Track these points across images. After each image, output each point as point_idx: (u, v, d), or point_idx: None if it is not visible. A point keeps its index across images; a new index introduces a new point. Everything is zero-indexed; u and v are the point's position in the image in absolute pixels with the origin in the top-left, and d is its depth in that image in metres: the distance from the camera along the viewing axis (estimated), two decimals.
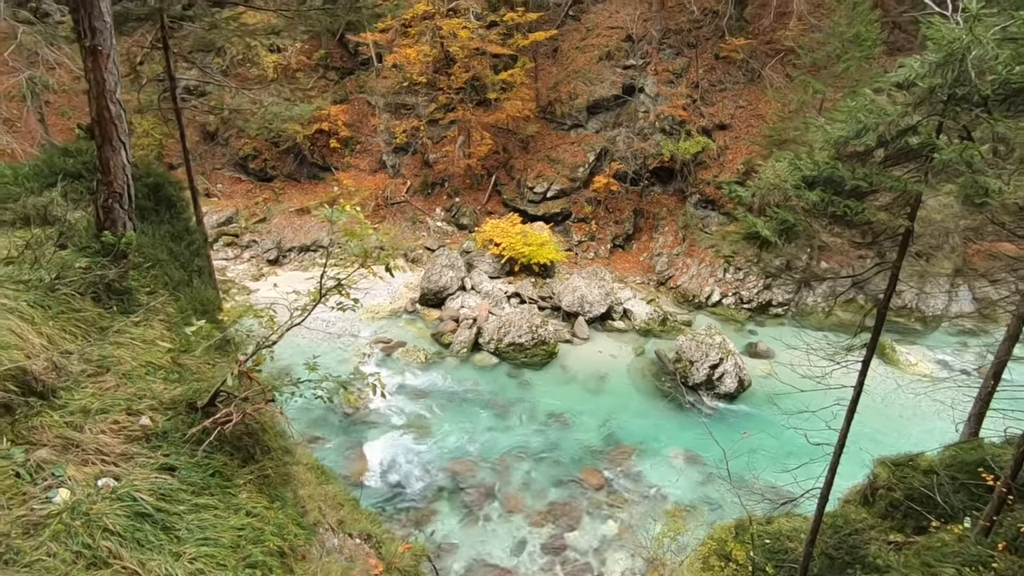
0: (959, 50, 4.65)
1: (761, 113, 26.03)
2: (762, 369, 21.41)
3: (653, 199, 27.94)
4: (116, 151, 4.30)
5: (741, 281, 25.03)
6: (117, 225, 4.49)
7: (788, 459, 16.54)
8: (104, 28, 4.10)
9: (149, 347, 4.02)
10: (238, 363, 3.62)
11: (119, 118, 4.32)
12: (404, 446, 17.70)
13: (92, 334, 3.81)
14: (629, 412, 19.74)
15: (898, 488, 8.76)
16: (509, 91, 27.74)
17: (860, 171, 5.05)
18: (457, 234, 28.61)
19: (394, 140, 28.78)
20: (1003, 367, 8.19)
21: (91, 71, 4.08)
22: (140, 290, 4.53)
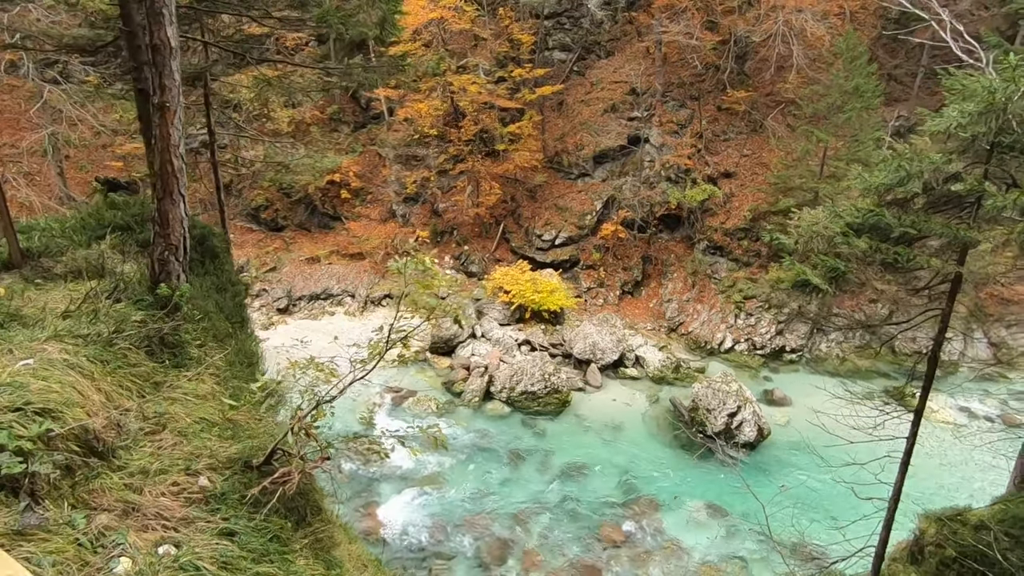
0: (1002, 100, 4.71)
1: (765, 161, 26.56)
2: (780, 417, 20.97)
3: (661, 246, 28.15)
4: (176, 204, 4.32)
5: (753, 327, 24.87)
6: (172, 277, 4.45)
7: (818, 512, 16.04)
8: (173, 86, 4.20)
9: (202, 402, 3.89)
10: (297, 419, 3.50)
11: (181, 172, 4.36)
12: (419, 501, 17.14)
13: (147, 389, 3.70)
14: (647, 462, 19.21)
15: (948, 545, 8.37)
16: (517, 143, 28.43)
17: (907, 218, 5.05)
18: (467, 282, 28.67)
19: (404, 190, 29.30)
20: None
21: (158, 126, 4.15)
22: (191, 343, 4.46)
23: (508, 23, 28.11)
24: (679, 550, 15.72)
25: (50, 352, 3.45)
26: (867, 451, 8.17)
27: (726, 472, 18.78)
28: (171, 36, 4.07)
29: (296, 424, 3.45)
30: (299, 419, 3.52)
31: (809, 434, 20.14)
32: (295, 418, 3.55)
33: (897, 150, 5.31)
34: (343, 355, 5.60)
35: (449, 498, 17.55)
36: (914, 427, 6.12)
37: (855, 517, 8.49)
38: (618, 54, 31.13)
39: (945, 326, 5.65)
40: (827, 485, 16.24)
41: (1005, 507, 8.27)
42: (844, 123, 22.50)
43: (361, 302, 26.94)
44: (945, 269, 5.13)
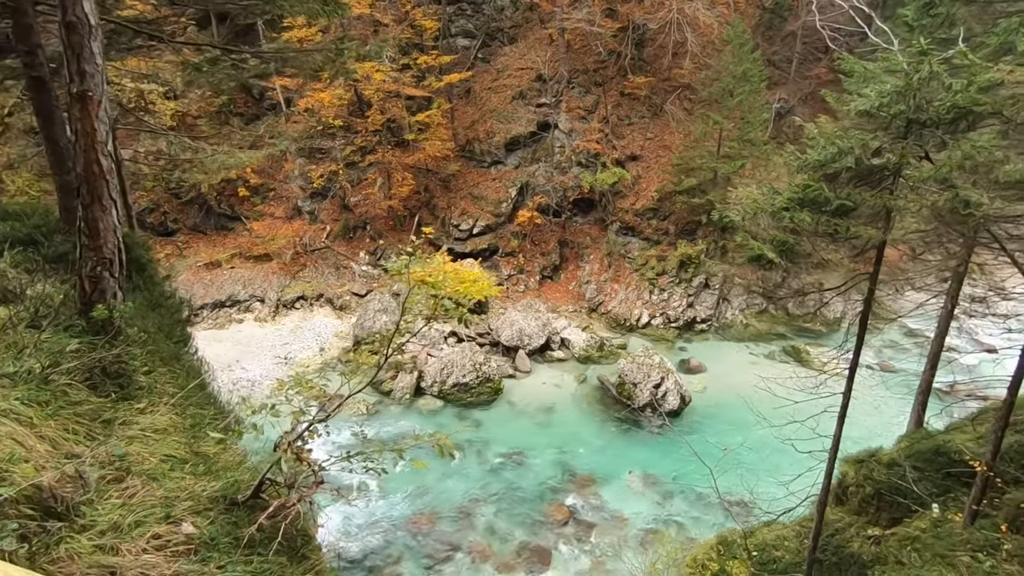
0: (917, 81, 5.16)
1: (667, 144, 27.93)
2: (698, 384, 22.39)
3: (576, 229, 28.86)
4: (106, 211, 3.66)
5: (666, 301, 26.26)
6: (107, 296, 3.79)
7: (758, 470, 17.17)
8: (95, 71, 3.52)
9: (164, 437, 3.36)
10: (287, 443, 3.14)
11: (110, 173, 3.69)
12: (358, 507, 16.49)
13: (97, 430, 3.12)
14: (581, 441, 19.78)
15: (867, 484, 9.29)
16: (427, 132, 27.80)
17: (842, 191, 5.46)
18: (384, 277, 27.77)
19: (310, 185, 27.72)
20: (937, 360, 9.03)
21: (79, 119, 3.47)
22: (138, 370, 3.83)
23: (409, 8, 27.25)
24: (621, 520, 16.39)
25: None
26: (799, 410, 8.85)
27: (654, 441, 19.81)
28: (90, 12, 3.41)
29: (286, 449, 3.10)
30: (289, 443, 3.16)
31: (727, 397, 21.74)
32: (283, 442, 3.19)
33: (824, 129, 5.71)
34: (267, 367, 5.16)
35: (389, 501, 17.06)
36: (849, 382, 6.73)
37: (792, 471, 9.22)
38: (521, 40, 31.25)
39: (874, 287, 6.23)
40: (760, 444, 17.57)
41: (909, 444, 9.32)
42: (736, 106, 24.12)
43: (272, 306, 25.28)
44: (876, 237, 5.64)
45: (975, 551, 5.59)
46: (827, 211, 5.49)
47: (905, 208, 5.27)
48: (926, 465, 8.60)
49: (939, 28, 7.94)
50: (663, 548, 12.18)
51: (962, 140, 4.89)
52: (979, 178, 4.87)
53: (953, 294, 8.48)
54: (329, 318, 25.38)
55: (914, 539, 7.76)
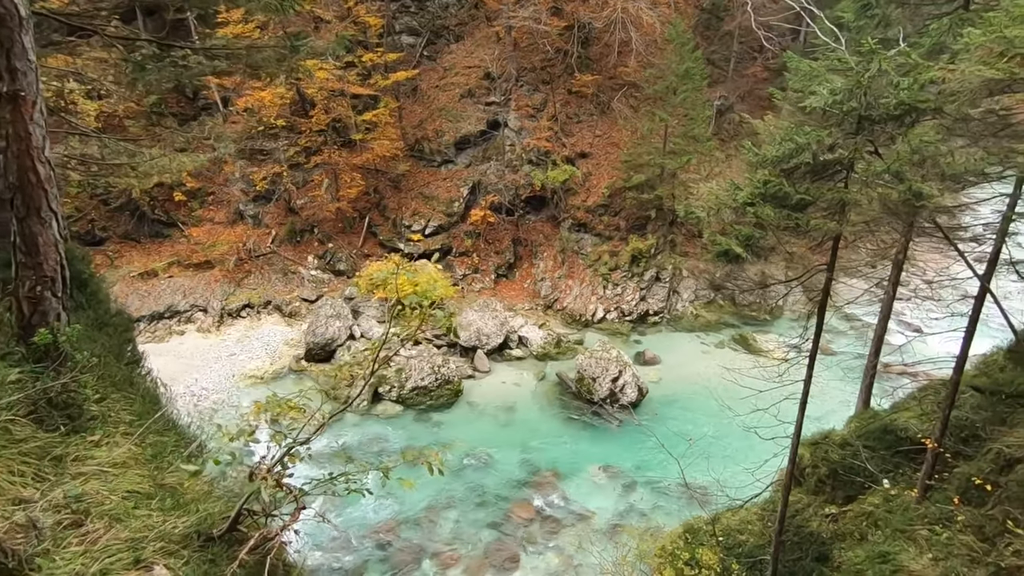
0: (868, 79, 5.37)
1: (615, 141, 28.40)
2: (654, 375, 22.90)
3: (529, 227, 28.94)
4: (45, 224, 3.27)
5: (620, 296, 26.72)
6: (49, 318, 3.39)
7: (718, 459, 17.63)
8: (28, 69, 3.13)
9: (124, 471, 3.03)
10: (266, 469, 2.91)
11: (49, 181, 3.30)
12: (318, 518, 15.92)
13: (46, 469, 2.78)
14: (543, 438, 19.86)
15: (822, 465, 9.70)
16: (374, 131, 27.17)
17: (801, 186, 5.64)
18: (335, 281, 27.03)
19: (253, 188, 26.57)
20: (881, 343, 9.52)
21: (10, 123, 3.07)
22: (89, 399, 3.45)
23: (352, 4, 26.51)
24: (587, 514, 16.55)
25: None
26: (761, 398, 9.13)
27: (614, 434, 20.13)
28: (20, 3, 3.02)
29: (265, 476, 2.88)
30: (268, 469, 2.94)
31: (683, 387, 22.35)
32: (261, 468, 2.95)
33: (778, 125, 5.89)
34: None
35: (350, 511, 16.57)
36: (809, 370, 6.99)
37: (750, 457, 9.51)
38: (468, 39, 31.01)
39: (831, 277, 6.49)
40: (719, 431, 18.10)
41: (859, 424, 9.79)
42: (680, 103, 24.76)
43: (216, 316, 24.09)
44: (834, 229, 5.88)
45: (932, 524, 5.95)
46: (787, 205, 5.67)
47: (859, 201, 5.51)
48: (876, 443, 9.07)
49: (875, 28, 8.39)
50: (632, 541, 12.35)
51: (910, 135, 5.14)
52: (927, 171, 5.15)
53: (894, 281, 8.97)
54: (278, 326, 24.43)
55: (869, 514, 8.16)
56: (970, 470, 6.15)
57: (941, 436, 6.29)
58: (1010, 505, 5.30)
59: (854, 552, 6.47)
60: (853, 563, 6.19)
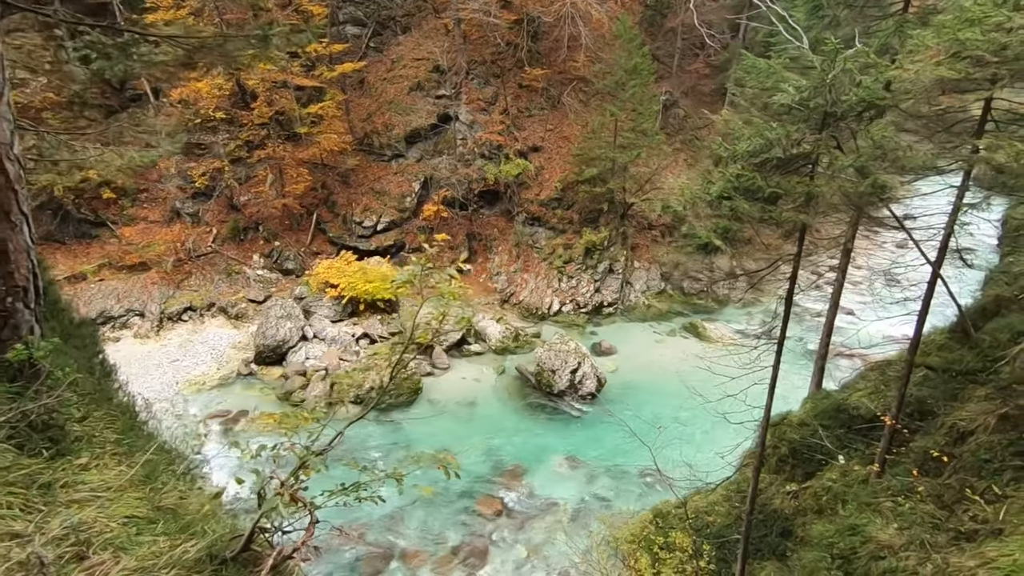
0: (832, 77, 5.63)
1: (567, 135, 28.67)
2: (611, 365, 23.39)
3: (483, 221, 28.84)
4: (16, 228, 2.92)
5: (575, 288, 27.08)
6: (21, 332, 3.03)
7: (659, 443, 18.24)
8: None
9: (120, 495, 2.77)
10: (283, 484, 2.74)
11: (19, 181, 2.94)
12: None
13: (35, 498, 2.49)
14: (505, 432, 19.92)
15: (782, 445, 10.18)
16: (320, 124, 26.29)
17: (772, 180, 5.87)
18: (283, 281, 26.06)
19: (191, 185, 25.18)
20: (832, 327, 10.07)
21: None
22: (71, 419, 3.12)
23: None
24: (553, 505, 16.74)
25: None
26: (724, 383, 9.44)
27: (575, 425, 20.45)
28: None
29: (281, 491, 2.72)
30: (283, 482, 2.77)
31: (639, 376, 22.93)
32: (268, 480, 2.79)
33: (742, 122, 6.11)
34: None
35: None
36: (777, 356, 7.31)
37: (711, 441, 9.86)
38: (415, 30, 30.46)
39: (797, 266, 6.80)
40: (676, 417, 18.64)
41: (814, 405, 10.34)
42: (628, 98, 25.24)
43: (155, 320, 22.74)
44: (804, 220, 6.16)
45: (894, 496, 6.40)
46: (759, 198, 5.90)
47: (824, 193, 5.80)
48: (830, 422, 9.61)
49: (826, 29, 8.85)
50: (600, 528, 12.60)
51: (870, 130, 5.45)
52: (888, 164, 5.48)
53: (843, 268, 9.52)
54: (224, 328, 23.33)
55: (828, 489, 8.64)
56: (926, 444, 6.64)
57: (898, 413, 6.76)
58: (965, 474, 5.78)
59: (823, 526, 6.87)
60: (824, 536, 6.57)
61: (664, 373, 23.39)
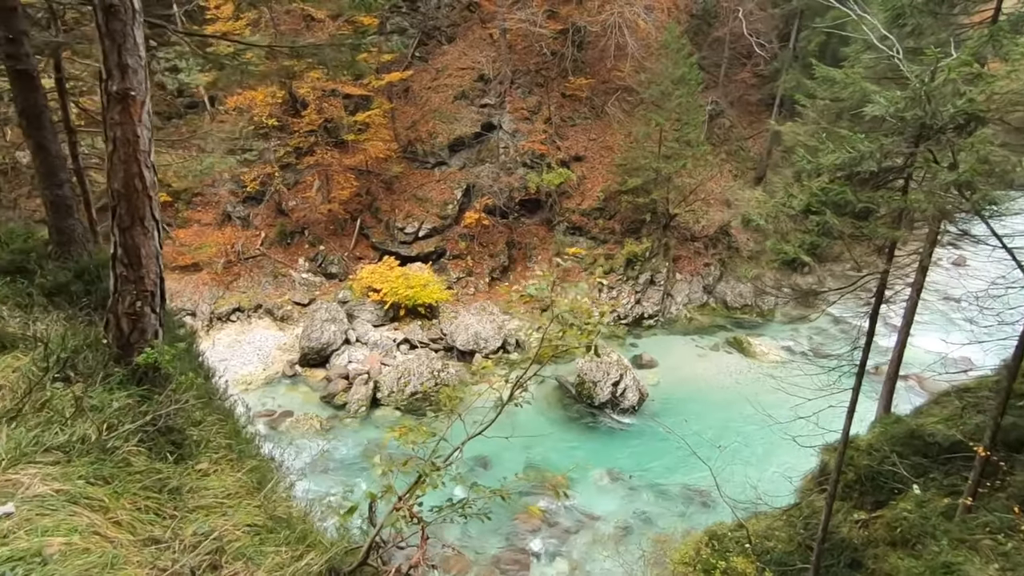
0: (933, 88, 5.37)
1: (609, 144, 28.49)
2: (652, 378, 22.97)
3: (524, 230, 28.83)
4: (148, 234, 2.99)
5: (616, 299, 26.77)
6: (147, 335, 3.11)
7: (701, 460, 17.80)
8: (139, 66, 2.86)
9: (237, 502, 2.79)
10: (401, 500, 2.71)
11: (153, 188, 3.03)
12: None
13: (166, 503, 2.52)
14: (545, 443, 19.70)
15: (848, 470, 9.75)
16: (366, 132, 26.76)
17: (864, 195, 5.62)
18: (327, 284, 26.52)
19: (242, 189, 25.90)
20: (904, 347, 9.62)
21: (118, 124, 2.81)
22: (189, 423, 3.17)
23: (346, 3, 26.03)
24: (595, 519, 16.46)
25: (29, 484, 2.15)
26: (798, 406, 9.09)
27: (616, 437, 20.13)
28: None
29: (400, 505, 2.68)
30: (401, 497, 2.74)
31: (681, 390, 22.47)
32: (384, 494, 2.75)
33: (843, 134, 5.87)
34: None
35: (351, 521, 16.17)
36: (859, 378, 7.00)
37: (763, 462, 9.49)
38: (461, 40, 30.79)
39: (884, 283, 6.49)
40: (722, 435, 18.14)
41: (883, 429, 9.86)
42: (674, 108, 24.94)
43: (205, 320, 23.40)
44: (897, 235, 5.89)
45: (993, 533, 5.99)
46: (848, 213, 5.66)
47: (922, 208, 5.53)
48: (903, 449, 9.15)
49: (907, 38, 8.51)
50: (648, 547, 12.30)
51: (975, 143, 5.17)
52: (995, 180, 5.19)
53: (918, 286, 9.09)
54: (270, 330, 23.84)
55: (903, 520, 8.20)
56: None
57: (992, 443, 6.36)
58: None
59: (908, 561, 6.49)
60: (912, 573, 6.19)
61: (708, 388, 22.86)
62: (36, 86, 4.28)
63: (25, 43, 4.14)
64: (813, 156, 6.16)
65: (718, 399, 21.98)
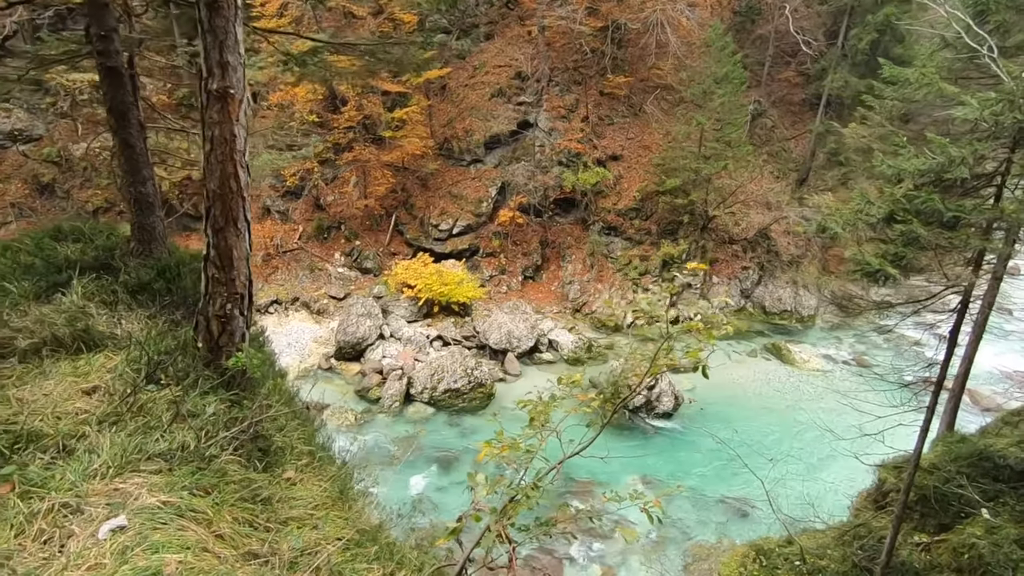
0: None
1: (647, 144, 28.03)
2: (687, 384, 22.54)
3: (558, 229, 28.60)
4: (240, 236, 2.97)
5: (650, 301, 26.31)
6: (235, 338, 3.09)
7: (738, 468, 17.41)
8: (238, 64, 2.84)
9: (326, 513, 2.72)
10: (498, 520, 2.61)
11: (247, 189, 3.01)
12: None
13: (259, 514, 2.46)
14: (578, 445, 19.52)
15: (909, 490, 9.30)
16: (403, 129, 26.87)
17: (952, 203, 5.30)
18: (362, 279, 26.76)
19: (282, 184, 26.29)
20: (971, 363, 9.13)
21: (217, 124, 2.78)
22: (274, 429, 3.13)
23: (386, 1, 26.20)
24: (627, 525, 16.19)
25: (137, 494, 2.11)
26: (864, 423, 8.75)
27: (651, 442, 19.81)
28: None
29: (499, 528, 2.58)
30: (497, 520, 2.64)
31: (717, 395, 21.99)
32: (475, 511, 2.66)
33: (930, 138, 5.54)
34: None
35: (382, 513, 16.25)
36: (935, 396, 6.65)
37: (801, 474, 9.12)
38: (499, 37, 30.67)
39: (968, 297, 6.14)
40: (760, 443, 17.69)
41: (947, 448, 9.39)
42: (716, 107, 24.38)
43: None
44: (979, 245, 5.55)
45: None
46: (935, 222, 5.35)
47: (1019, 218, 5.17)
48: (970, 470, 8.69)
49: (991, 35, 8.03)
50: (687, 558, 12.02)
51: None
52: None
53: (990, 299, 8.61)
54: (306, 323, 24.17)
55: (971, 547, 7.79)
56: None
57: None
58: None
59: None
60: None
61: (745, 395, 22.33)
62: (124, 83, 4.31)
63: (115, 40, 4.18)
64: (893, 160, 5.84)
65: (756, 406, 21.47)
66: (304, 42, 4.88)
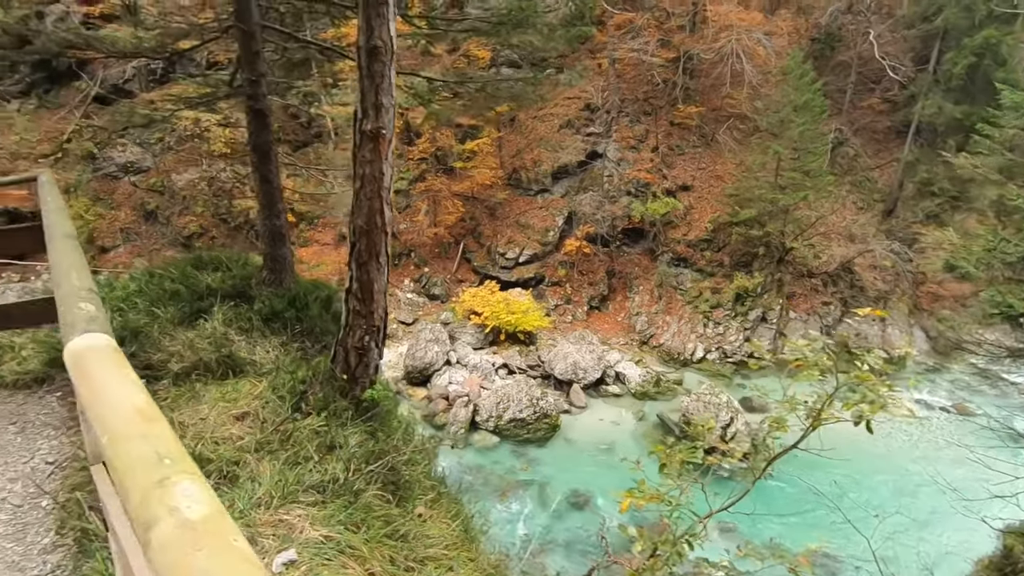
0: None
1: (719, 174, 27.41)
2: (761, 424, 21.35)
3: (625, 259, 28.24)
4: (381, 270, 3.11)
5: (722, 335, 25.37)
6: (370, 370, 3.21)
7: (823, 520, 16.14)
8: (391, 105, 3.02)
9: (457, 553, 2.71)
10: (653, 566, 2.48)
11: (391, 224, 3.16)
12: None
13: (400, 551, 2.47)
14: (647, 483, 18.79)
15: None
16: (474, 159, 27.57)
17: None
18: (429, 305, 27.28)
19: None
20: None
21: (368, 162, 2.95)
22: (402, 461, 3.19)
23: None
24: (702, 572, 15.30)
25: (301, 527, 2.19)
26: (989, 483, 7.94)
27: (723, 485, 18.76)
28: (392, 35, 2.94)
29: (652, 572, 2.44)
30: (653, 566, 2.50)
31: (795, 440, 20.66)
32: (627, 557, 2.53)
33: None
34: None
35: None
36: None
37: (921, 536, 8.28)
38: (568, 69, 31.13)
39: None
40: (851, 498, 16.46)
41: None
42: (796, 136, 23.58)
43: None
44: None
45: None
46: None
47: None
48: None
49: None
50: None
51: None
52: None
53: None
54: None
55: None
56: None
57: None
58: None
59: None
60: None
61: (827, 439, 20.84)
62: (268, 124, 4.65)
63: (263, 84, 4.51)
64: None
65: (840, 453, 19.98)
66: (421, 80, 5.13)
